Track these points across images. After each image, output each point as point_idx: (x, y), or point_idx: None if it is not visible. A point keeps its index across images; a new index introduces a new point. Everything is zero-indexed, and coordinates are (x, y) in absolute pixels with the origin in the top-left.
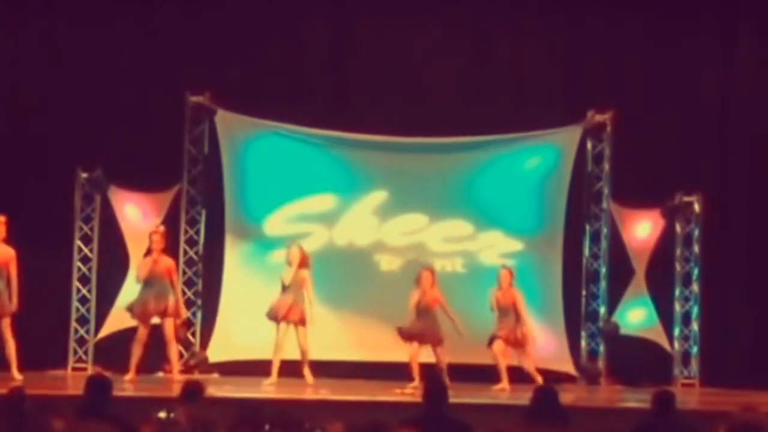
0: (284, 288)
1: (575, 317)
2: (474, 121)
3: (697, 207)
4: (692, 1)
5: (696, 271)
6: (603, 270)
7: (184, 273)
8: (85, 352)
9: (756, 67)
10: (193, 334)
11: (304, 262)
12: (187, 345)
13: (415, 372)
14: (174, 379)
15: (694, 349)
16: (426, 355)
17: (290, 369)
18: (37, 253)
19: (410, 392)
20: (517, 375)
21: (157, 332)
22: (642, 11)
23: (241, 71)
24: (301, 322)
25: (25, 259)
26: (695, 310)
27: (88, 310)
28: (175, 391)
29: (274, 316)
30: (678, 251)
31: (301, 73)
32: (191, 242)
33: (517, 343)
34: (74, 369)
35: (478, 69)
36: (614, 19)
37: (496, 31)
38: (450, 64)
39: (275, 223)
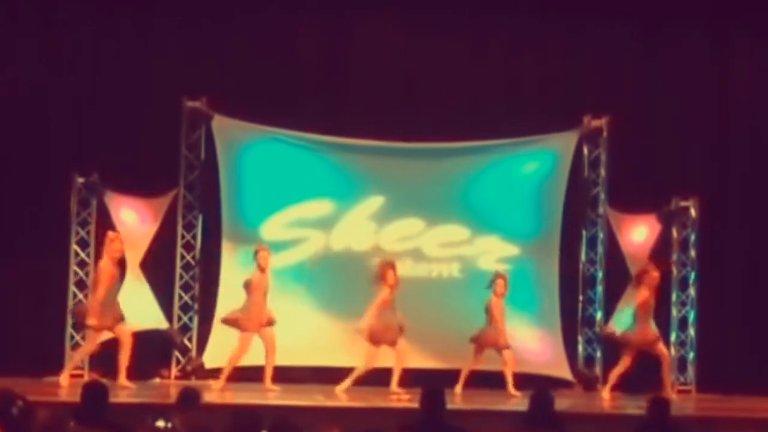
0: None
1: (572, 322)
2: (470, 126)
3: (693, 212)
4: (688, 7)
5: (692, 276)
6: (600, 275)
7: (181, 278)
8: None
9: (751, 71)
10: (190, 340)
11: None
12: (183, 351)
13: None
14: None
15: (691, 355)
16: (418, 362)
17: (287, 375)
18: (33, 257)
19: (407, 398)
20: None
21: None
22: (638, 17)
23: (238, 77)
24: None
25: (22, 264)
26: (692, 315)
27: None
28: (172, 397)
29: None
30: (674, 256)
31: (297, 78)
32: (188, 247)
33: None
34: (70, 375)
35: (475, 74)
36: (611, 25)
37: (492, 37)
38: (446, 70)
39: (272, 228)
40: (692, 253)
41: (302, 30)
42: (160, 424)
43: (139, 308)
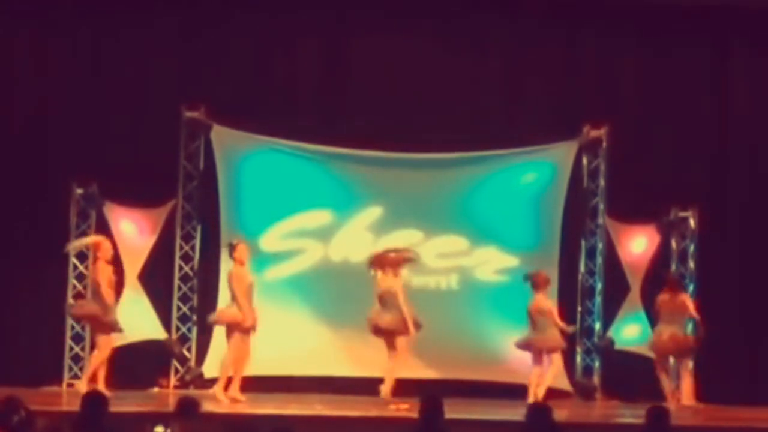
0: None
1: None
2: (469, 136)
3: (692, 222)
4: (686, 16)
5: (691, 287)
6: (598, 286)
7: (180, 288)
8: (81, 369)
9: (750, 81)
10: (189, 350)
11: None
12: (182, 361)
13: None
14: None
15: (690, 365)
16: (416, 372)
17: (285, 385)
18: (32, 268)
19: (405, 408)
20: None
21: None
22: (636, 26)
23: (237, 87)
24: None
25: (20, 274)
26: (690, 326)
27: (83, 327)
28: (171, 406)
29: None
30: (673, 267)
31: (296, 88)
32: (186, 258)
33: None
34: (69, 385)
35: (473, 85)
36: (609, 35)
37: (490, 47)
38: (445, 80)
39: (271, 239)
40: (691, 264)
41: (301, 40)
42: (159, 429)
43: (138, 319)
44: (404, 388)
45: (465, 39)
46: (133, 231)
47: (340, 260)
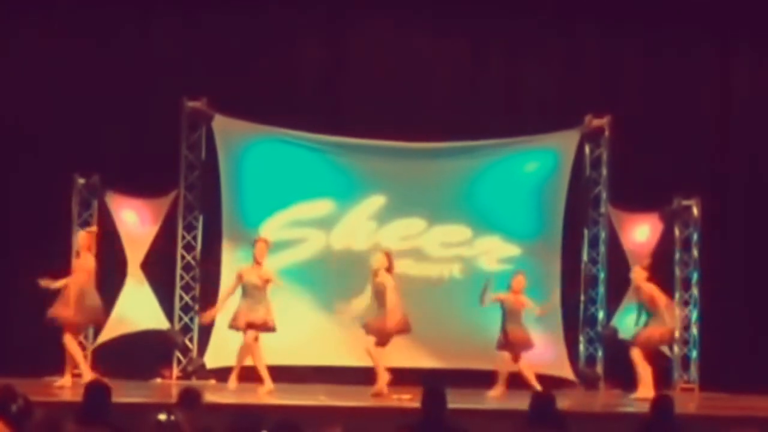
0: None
1: (573, 322)
2: (472, 126)
3: (695, 211)
4: (690, 7)
5: (695, 276)
6: (601, 275)
7: (182, 278)
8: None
9: (753, 72)
10: (191, 340)
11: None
12: (184, 351)
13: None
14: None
15: (694, 354)
16: (419, 362)
17: (288, 375)
18: (34, 258)
19: (408, 398)
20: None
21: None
22: (640, 16)
23: (238, 77)
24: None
25: (23, 265)
26: (695, 315)
27: None
28: (174, 397)
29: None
30: (677, 255)
31: (297, 78)
32: (188, 248)
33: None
34: (72, 376)
35: (476, 74)
36: (612, 24)
37: (492, 37)
38: (447, 70)
39: (272, 229)
40: (695, 252)
41: (302, 30)
42: (162, 417)
43: (140, 309)
44: (407, 377)
45: (468, 29)
46: (134, 220)
47: (342, 249)
